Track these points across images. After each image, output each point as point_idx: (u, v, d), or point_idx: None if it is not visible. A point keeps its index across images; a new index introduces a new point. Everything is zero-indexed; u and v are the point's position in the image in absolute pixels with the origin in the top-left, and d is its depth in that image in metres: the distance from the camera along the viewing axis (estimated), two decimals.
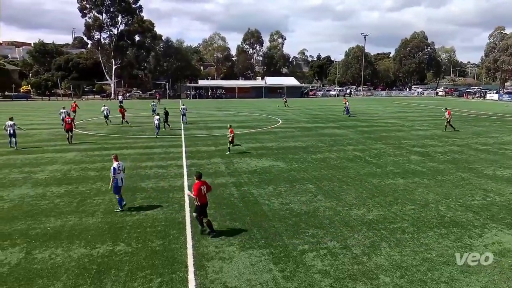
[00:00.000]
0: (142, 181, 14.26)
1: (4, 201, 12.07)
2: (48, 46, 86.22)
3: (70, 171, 15.78)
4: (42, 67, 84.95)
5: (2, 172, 15.65)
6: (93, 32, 76.00)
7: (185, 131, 27.37)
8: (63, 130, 27.56)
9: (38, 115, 40.38)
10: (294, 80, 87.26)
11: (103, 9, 74.83)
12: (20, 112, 42.82)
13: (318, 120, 35.20)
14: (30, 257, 8.40)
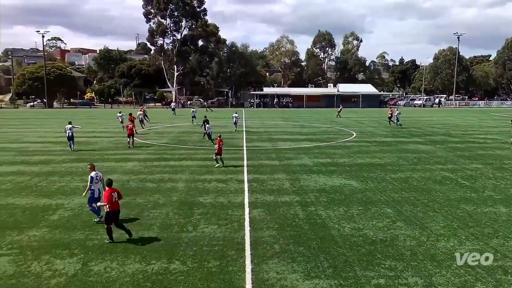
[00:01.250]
0: (200, 196, 14.72)
1: (65, 209, 13.20)
2: (113, 53, 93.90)
3: (129, 182, 16.81)
4: (106, 74, 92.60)
5: (64, 179, 17.18)
6: (156, 37, 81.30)
7: (248, 143, 27.85)
8: (124, 138, 29.56)
9: (100, 123, 43.86)
10: (371, 88, 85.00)
11: (167, 14, 79.82)
12: (83, 120, 46.89)
13: (399, 133, 33.76)
14: (86, 269, 9.04)
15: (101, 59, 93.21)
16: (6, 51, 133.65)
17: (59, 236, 10.90)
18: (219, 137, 20.50)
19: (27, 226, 11.56)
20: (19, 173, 18.44)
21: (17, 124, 42.06)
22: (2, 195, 14.68)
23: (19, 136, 31.43)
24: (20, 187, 15.99)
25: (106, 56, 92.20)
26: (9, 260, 9.43)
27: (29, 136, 31.81)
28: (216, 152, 19.81)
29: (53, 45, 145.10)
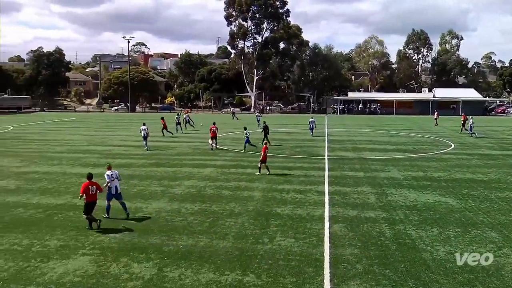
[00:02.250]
0: (277, 206, 14.82)
1: (143, 212, 14.10)
2: (193, 57, 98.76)
3: (205, 188, 17.48)
4: (186, 78, 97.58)
5: (143, 183, 18.37)
6: (237, 40, 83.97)
7: (329, 152, 27.48)
8: (201, 144, 30.81)
9: (178, 127, 46.15)
10: (474, 93, 79.24)
11: (249, 16, 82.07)
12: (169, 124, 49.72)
13: (508, 146, 30.96)
14: (162, 274, 9.54)
15: (182, 63, 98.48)
16: (95, 57, 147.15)
17: (137, 239, 11.65)
18: (265, 144, 20.72)
19: (108, 228, 12.51)
20: (102, 175, 20.04)
21: (102, 127, 45.92)
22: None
23: (104, 139, 34.27)
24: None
25: (187, 61, 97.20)
26: (91, 260, 10.29)
27: (112, 139, 34.55)
28: (260, 159, 19.95)
29: (137, 50, 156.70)
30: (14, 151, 27.52)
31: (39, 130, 43.33)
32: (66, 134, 38.56)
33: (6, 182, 18.48)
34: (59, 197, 15.99)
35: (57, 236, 11.79)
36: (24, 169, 21.51)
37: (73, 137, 36.02)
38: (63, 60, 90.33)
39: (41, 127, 47.19)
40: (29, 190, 17.12)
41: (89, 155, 25.90)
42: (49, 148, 29.12)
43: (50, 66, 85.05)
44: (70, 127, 46.49)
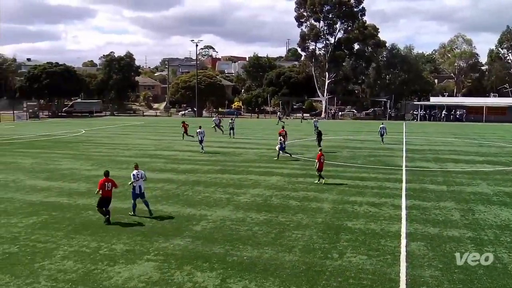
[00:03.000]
0: (348, 219, 14.52)
1: (207, 220, 14.48)
2: (262, 60, 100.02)
3: (271, 198, 17.57)
4: (254, 82, 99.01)
5: (208, 190, 18.87)
6: (308, 42, 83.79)
7: (408, 162, 26.47)
8: (268, 151, 31.04)
9: (246, 133, 46.98)
10: None
11: (321, 16, 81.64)
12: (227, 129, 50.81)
13: None
14: (225, 286, 9.71)
15: (250, 66, 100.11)
16: (164, 61, 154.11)
17: (201, 248, 11.97)
18: (320, 151, 20.53)
19: (173, 234, 13.00)
20: (168, 180, 20.93)
21: (169, 132, 47.83)
22: (153, 201, 16.82)
23: (170, 144, 35.71)
24: (168, 194, 18.12)
25: (255, 64, 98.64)
26: (155, 266, 10.73)
27: (178, 144, 35.88)
28: (317, 168, 20.03)
29: (205, 53, 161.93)
30: (85, 155, 29.51)
31: (109, 134, 46.11)
32: (135, 138, 40.67)
33: (77, 185, 19.86)
34: (126, 201, 16.85)
35: (123, 241, 12.44)
36: (94, 172, 22.97)
37: (141, 141, 37.90)
38: (133, 64, 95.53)
39: (111, 131, 50.21)
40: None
41: (155, 160, 27.09)
42: (118, 152, 30.87)
43: (120, 71, 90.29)
44: (138, 131, 48.99)
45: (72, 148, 33.12)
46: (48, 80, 79.58)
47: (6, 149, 32.85)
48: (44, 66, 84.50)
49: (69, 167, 24.53)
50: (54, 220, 14.43)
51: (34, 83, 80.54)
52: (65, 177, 21.79)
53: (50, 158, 27.66)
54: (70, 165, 25.40)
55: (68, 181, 20.69)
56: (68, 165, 25.34)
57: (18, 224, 13.89)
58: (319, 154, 20.35)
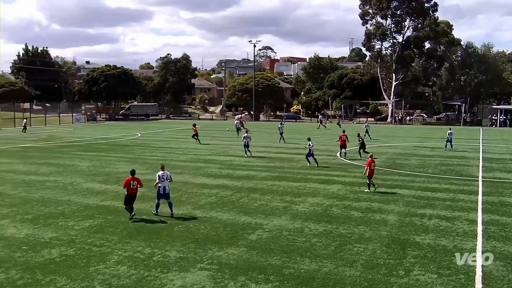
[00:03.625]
0: (416, 233, 14.04)
1: (263, 230, 14.52)
2: (323, 61, 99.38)
3: (332, 207, 17.35)
4: (314, 84, 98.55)
5: (264, 198, 18.94)
6: (373, 41, 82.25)
7: (485, 173, 25.21)
8: (328, 157, 30.72)
9: (304, 138, 46.66)
10: None
11: (388, 13, 79.90)
12: (288, 133, 50.82)
13: None
14: None
15: (310, 68, 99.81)
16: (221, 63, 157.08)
17: (256, 258, 12.02)
18: (371, 157, 20.17)
19: (227, 243, 13.16)
20: (223, 186, 21.24)
21: (224, 136, 48.62)
22: (207, 208, 17.15)
23: (225, 149, 36.27)
24: (223, 201, 18.38)
25: (316, 65, 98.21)
26: (208, 275, 10.90)
27: (234, 149, 36.33)
28: (367, 174, 19.81)
29: (263, 54, 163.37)
30: (141, 158, 30.63)
31: (164, 137, 47.60)
32: (190, 142, 41.66)
33: None
34: (180, 207, 17.29)
35: (177, 248, 12.75)
36: (148, 176, 23.72)
37: (196, 145, 38.76)
38: (189, 66, 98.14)
39: (166, 134, 51.79)
40: (152, 198, 18.78)
41: (211, 165, 27.60)
42: (173, 157, 31.77)
43: (176, 73, 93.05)
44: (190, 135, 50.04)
45: (128, 152, 34.48)
46: (106, 83, 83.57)
47: (65, 151, 34.77)
48: (103, 69, 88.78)
49: (124, 171, 25.50)
50: (109, 224, 15.07)
51: (92, 86, 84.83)
52: (121, 180, 22.60)
53: (107, 161, 28.95)
54: (126, 168, 26.39)
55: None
56: (123, 168, 26.38)
57: (75, 227, 14.63)
58: (369, 160, 20.07)
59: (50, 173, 24.75)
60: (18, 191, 20.05)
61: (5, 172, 24.83)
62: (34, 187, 20.88)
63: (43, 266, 11.32)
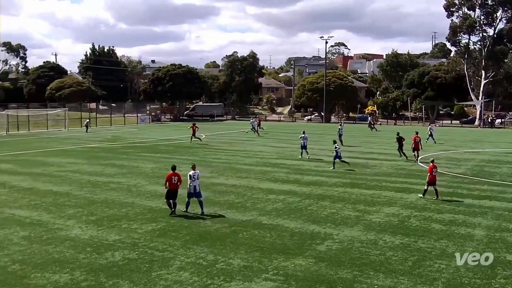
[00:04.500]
0: (508, 251, 13.32)
1: (333, 240, 14.37)
2: (402, 57, 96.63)
3: (410, 219, 16.84)
4: (392, 83, 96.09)
5: (335, 206, 18.74)
6: (459, 35, 79.03)
7: None
8: (406, 164, 29.88)
9: (380, 142, 45.74)
10: None
11: (477, 3, 76.44)
12: (361, 137, 49.96)
13: None
14: None
15: (387, 65, 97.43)
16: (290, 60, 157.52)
17: (325, 270, 11.91)
18: (432, 162, 19.89)
19: (294, 253, 13.14)
20: (290, 192, 21.25)
21: (292, 139, 48.55)
22: (274, 215, 17.24)
23: (293, 152, 36.25)
24: (290, 208, 18.39)
25: (394, 62, 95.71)
26: (274, 286, 10.95)
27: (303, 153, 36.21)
28: (427, 180, 19.67)
29: (335, 51, 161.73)
30: (205, 161, 31.35)
31: (229, 139, 48.42)
32: (256, 145, 42.10)
33: None
34: (245, 212, 17.51)
35: (241, 255, 12.92)
36: (213, 180, 24.29)
37: (262, 148, 39.08)
38: (256, 64, 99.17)
39: (231, 136, 52.67)
40: (217, 202, 19.25)
41: (277, 170, 27.71)
42: (238, 160, 32.23)
43: (243, 72, 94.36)
44: (259, 137, 50.58)
45: (192, 154, 35.42)
46: (171, 83, 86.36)
47: (130, 152, 36.34)
48: (168, 68, 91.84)
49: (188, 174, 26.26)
50: (172, 228, 15.56)
51: (157, 85, 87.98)
52: (184, 183, 23.27)
53: (171, 164, 29.78)
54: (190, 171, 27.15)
55: (187, 188, 22.11)
56: (187, 171, 27.00)
57: (138, 230, 15.25)
58: (431, 165, 19.64)
59: (114, 174, 25.97)
60: (84, 191, 21.22)
61: (72, 172, 26.37)
62: (99, 188, 22.00)
63: (106, 269, 11.89)
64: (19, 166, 28.73)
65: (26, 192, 21.07)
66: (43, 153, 35.84)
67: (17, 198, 19.78)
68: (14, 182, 23.41)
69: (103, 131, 58.83)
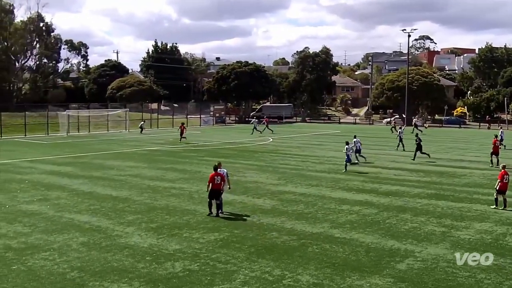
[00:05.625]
0: None
1: (415, 258, 13.97)
2: (498, 52, 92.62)
3: (505, 237, 16.12)
4: (485, 81, 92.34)
5: (417, 219, 18.23)
6: None
7: None
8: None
9: (470, 148, 44.05)
10: None
11: None
12: (448, 143, 48.27)
13: None
14: None
15: (480, 61, 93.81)
16: (367, 56, 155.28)
17: None
18: (504, 168, 20.06)
19: (369, 271, 12.91)
20: (366, 203, 20.90)
21: (369, 143, 47.68)
22: (347, 228, 17.02)
23: (370, 158, 35.65)
24: (366, 220, 18.09)
25: (488, 57, 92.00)
26: None
27: (381, 159, 35.57)
28: (497, 188, 19.59)
29: (420, 46, 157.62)
30: (272, 166, 31.51)
31: (299, 143, 48.39)
32: (328, 150, 41.81)
33: (262, 201, 21.31)
34: (315, 224, 17.41)
35: (310, 271, 12.84)
36: (280, 187, 24.36)
37: (335, 154, 38.69)
38: (329, 61, 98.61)
39: (302, 140, 52.63)
40: (284, 212, 19.26)
41: (352, 177, 27.36)
42: (308, 166, 32.13)
43: (315, 69, 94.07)
44: (332, 141, 50.17)
45: (258, 159, 35.72)
46: (237, 81, 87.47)
47: (192, 156, 37.20)
48: (233, 65, 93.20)
49: (254, 180, 26.51)
50: (235, 238, 15.74)
51: (222, 84, 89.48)
52: (249, 191, 23.61)
53: (235, 169, 30.28)
54: (255, 177, 27.43)
55: (252, 196, 22.37)
56: (253, 177, 27.39)
57: (200, 240, 15.55)
58: (502, 172, 19.40)
59: (176, 179, 26.68)
60: (144, 197, 21.95)
61: (132, 177, 27.36)
62: (160, 193, 22.68)
63: (166, 280, 12.21)
64: (79, 169, 30.18)
65: (85, 196, 22.10)
66: (103, 155, 37.47)
67: (76, 203, 20.79)
68: (74, 185, 24.64)
69: (164, 133, 60.60)
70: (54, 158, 35.85)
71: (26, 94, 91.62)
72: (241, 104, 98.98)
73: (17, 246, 14.77)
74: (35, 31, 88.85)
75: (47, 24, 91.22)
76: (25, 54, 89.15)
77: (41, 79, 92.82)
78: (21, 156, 36.93)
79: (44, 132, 57.54)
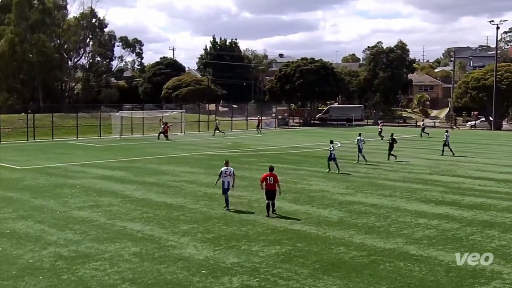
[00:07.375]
0: None
1: (503, 280, 13.47)
2: None
3: None
4: None
5: (506, 237, 17.59)
6: None
7: None
8: None
9: None
10: None
11: None
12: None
13: None
14: None
15: None
16: (448, 52, 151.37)
17: None
18: None
19: None
20: (446, 217, 20.35)
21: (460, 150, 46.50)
22: (424, 244, 16.63)
23: (452, 167, 34.76)
24: (446, 236, 17.61)
25: None
26: None
27: (465, 167, 34.56)
28: None
29: (510, 39, 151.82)
30: (339, 174, 31.23)
31: (370, 149, 47.61)
32: (403, 156, 40.98)
33: (328, 212, 21.17)
34: (388, 239, 17.11)
35: None
36: (349, 197, 24.12)
37: (412, 160, 37.98)
38: (405, 57, 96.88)
39: (372, 145, 51.79)
40: (353, 225, 19.05)
41: (430, 187, 26.75)
42: (380, 174, 31.66)
43: (389, 67, 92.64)
44: (407, 146, 49.24)
45: (325, 165, 35.46)
46: (301, 80, 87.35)
47: (252, 162, 37.46)
48: (298, 62, 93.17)
49: (319, 189, 26.38)
50: (298, 253, 15.70)
51: (285, 83, 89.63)
52: (314, 200, 23.50)
53: (298, 176, 30.28)
54: (321, 186, 27.28)
55: (317, 206, 22.25)
56: (318, 185, 27.25)
57: (259, 253, 15.61)
58: None
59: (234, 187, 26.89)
60: (200, 205, 22.32)
61: (188, 183, 27.87)
62: (217, 201, 22.95)
63: None
64: (132, 174, 31.04)
65: (138, 203, 22.71)
66: (157, 160, 38.39)
67: (129, 210, 21.39)
68: (126, 191, 25.38)
69: (221, 137, 61.30)
70: (106, 162, 37.08)
71: (78, 94, 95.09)
72: (306, 105, 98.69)
73: (68, 254, 15.34)
74: (88, 28, 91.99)
75: (100, 20, 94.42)
76: (77, 51, 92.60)
77: (94, 78, 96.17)
78: (72, 159, 38.40)
79: (96, 135, 59.64)
